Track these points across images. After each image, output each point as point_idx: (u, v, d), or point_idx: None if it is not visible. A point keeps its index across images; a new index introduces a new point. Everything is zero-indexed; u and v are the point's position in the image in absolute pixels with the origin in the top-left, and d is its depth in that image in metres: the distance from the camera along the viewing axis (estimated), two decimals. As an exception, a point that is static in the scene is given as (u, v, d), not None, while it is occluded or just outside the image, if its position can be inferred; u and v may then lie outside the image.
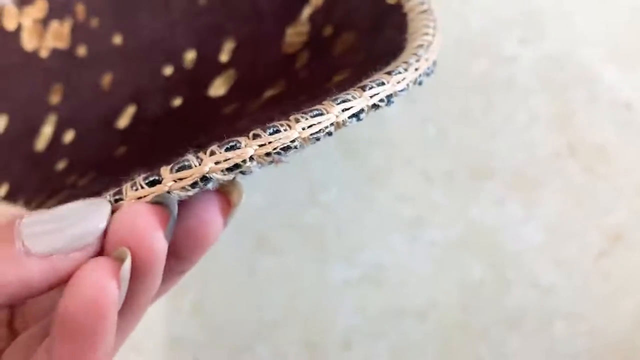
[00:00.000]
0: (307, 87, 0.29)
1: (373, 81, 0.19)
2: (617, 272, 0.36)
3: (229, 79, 0.35)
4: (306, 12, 0.33)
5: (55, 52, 0.37)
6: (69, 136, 0.36)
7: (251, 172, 0.17)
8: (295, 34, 0.33)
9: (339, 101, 0.18)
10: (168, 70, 0.36)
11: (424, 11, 0.25)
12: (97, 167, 0.34)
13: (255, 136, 0.17)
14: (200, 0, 0.37)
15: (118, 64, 0.37)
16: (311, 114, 0.17)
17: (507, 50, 0.39)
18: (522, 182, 0.37)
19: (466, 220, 0.37)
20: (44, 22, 0.37)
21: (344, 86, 0.20)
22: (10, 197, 0.33)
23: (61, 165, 0.35)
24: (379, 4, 0.29)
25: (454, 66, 0.39)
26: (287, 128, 0.17)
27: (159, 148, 0.33)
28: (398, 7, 0.27)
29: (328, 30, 0.32)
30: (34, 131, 0.36)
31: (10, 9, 0.36)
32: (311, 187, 0.38)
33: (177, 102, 0.36)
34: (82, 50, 0.37)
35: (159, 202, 0.17)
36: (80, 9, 0.37)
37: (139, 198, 0.16)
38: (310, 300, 0.37)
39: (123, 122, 0.36)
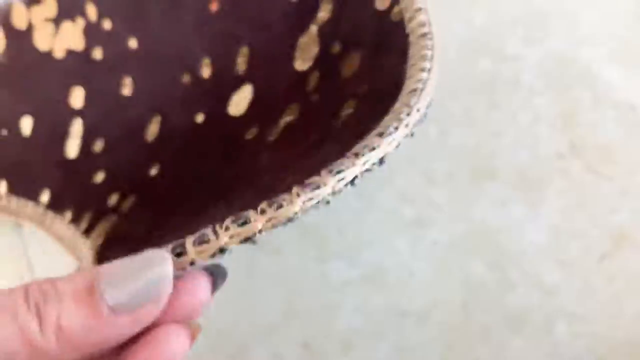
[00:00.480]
0: (318, 120, 0.31)
1: (366, 147, 0.21)
2: (621, 273, 0.35)
3: (247, 93, 0.35)
4: (314, 25, 0.34)
5: (70, 54, 0.38)
6: (99, 145, 0.36)
7: (260, 238, 0.20)
8: (306, 46, 0.34)
9: (334, 172, 0.20)
10: (186, 78, 0.37)
11: (424, 34, 0.26)
12: (135, 189, 0.34)
13: (263, 211, 0.19)
14: (212, 7, 0.37)
15: (136, 68, 0.38)
16: (310, 187, 0.20)
17: (510, 50, 0.39)
18: (525, 182, 0.37)
19: (468, 221, 0.37)
20: (55, 21, 0.38)
21: (349, 126, 0.22)
22: (54, 207, 0.34)
23: (99, 177, 0.35)
24: (383, 20, 0.29)
25: (457, 65, 0.39)
26: (290, 203, 0.19)
27: (190, 169, 0.34)
28: (401, 25, 0.28)
29: (336, 48, 0.32)
30: (62, 135, 0.36)
31: (19, 7, 0.37)
32: (313, 186, 0.38)
33: (200, 118, 0.36)
34: (97, 53, 0.38)
35: (211, 270, 0.21)
36: (91, 10, 0.38)
37: None
38: (311, 301, 0.37)
39: (151, 134, 0.36)
